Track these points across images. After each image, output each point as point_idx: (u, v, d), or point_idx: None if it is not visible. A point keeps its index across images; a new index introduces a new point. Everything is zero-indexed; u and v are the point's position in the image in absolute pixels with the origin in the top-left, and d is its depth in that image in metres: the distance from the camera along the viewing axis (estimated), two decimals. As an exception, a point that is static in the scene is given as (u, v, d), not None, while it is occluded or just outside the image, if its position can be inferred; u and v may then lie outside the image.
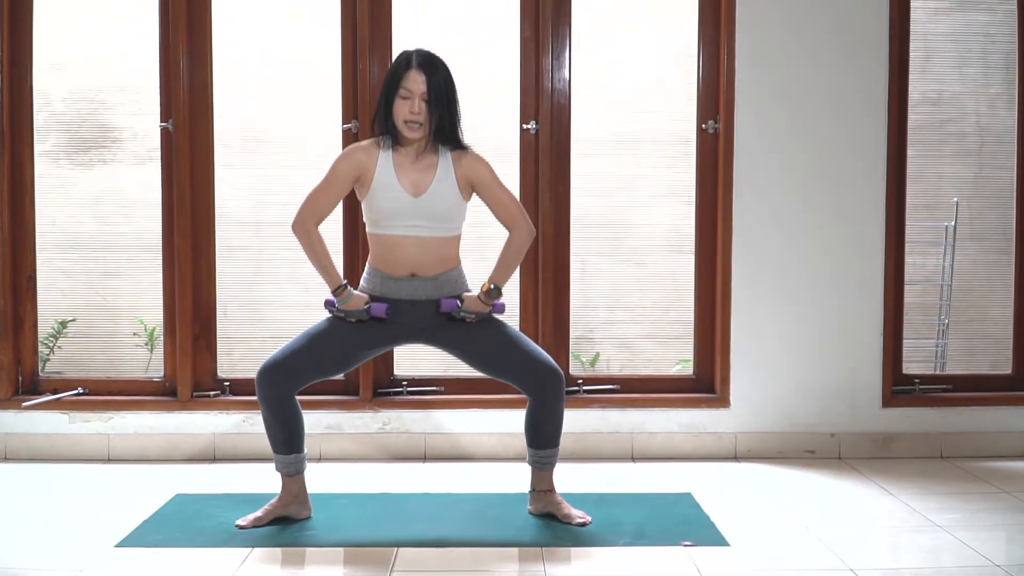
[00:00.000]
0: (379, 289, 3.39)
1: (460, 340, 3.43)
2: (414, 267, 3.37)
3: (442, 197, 3.35)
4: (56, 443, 4.28)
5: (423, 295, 3.38)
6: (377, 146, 3.40)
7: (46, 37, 4.37)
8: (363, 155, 3.39)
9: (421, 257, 3.36)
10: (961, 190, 4.73)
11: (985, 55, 4.63)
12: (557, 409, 3.43)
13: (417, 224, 3.34)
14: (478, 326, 3.42)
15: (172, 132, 4.26)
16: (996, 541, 3.29)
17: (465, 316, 3.39)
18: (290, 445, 3.40)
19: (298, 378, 3.35)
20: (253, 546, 3.21)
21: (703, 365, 4.45)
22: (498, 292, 3.41)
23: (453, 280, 3.43)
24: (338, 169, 3.39)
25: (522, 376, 3.40)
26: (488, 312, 3.43)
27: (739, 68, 4.26)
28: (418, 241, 3.35)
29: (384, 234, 3.37)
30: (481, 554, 3.17)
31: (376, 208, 3.37)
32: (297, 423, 3.40)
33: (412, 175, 3.36)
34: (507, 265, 3.46)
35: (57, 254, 4.56)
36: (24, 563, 3.07)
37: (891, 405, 4.36)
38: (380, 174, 3.35)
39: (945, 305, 4.83)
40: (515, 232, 3.46)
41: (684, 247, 4.54)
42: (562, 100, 4.32)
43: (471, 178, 3.40)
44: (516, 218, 3.45)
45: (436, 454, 4.33)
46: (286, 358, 3.34)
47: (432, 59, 3.34)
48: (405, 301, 3.38)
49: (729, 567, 3.05)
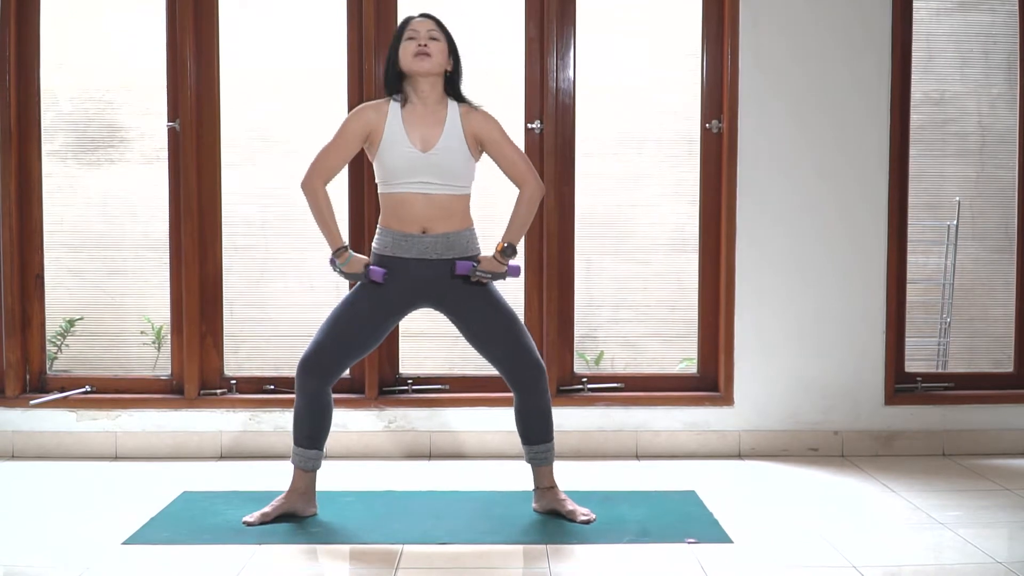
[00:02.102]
0: (391, 248, 3.40)
1: (466, 311, 3.44)
2: (424, 222, 3.38)
3: (450, 152, 3.37)
4: (63, 441, 4.31)
5: (434, 254, 3.39)
6: (387, 103, 3.43)
7: (53, 37, 4.39)
8: (372, 112, 3.42)
9: (431, 212, 3.37)
10: (963, 189, 4.74)
11: (987, 55, 4.65)
12: (541, 403, 3.46)
13: (427, 180, 3.36)
14: (488, 304, 3.43)
15: (179, 132, 4.28)
16: (998, 538, 3.30)
17: (481, 276, 3.40)
18: (314, 440, 3.44)
19: (338, 364, 3.41)
20: (260, 543, 3.23)
21: (707, 363, 4.46)
22: (513, 250, 3.42)
23: (465, 240, 3.43)
24: (348, 127, 3.42)
25: (507, 364, 3.43)
26: (503, 272, 3.43)
27: (743, 68, 4.28)
28: (428, 199, 3.36)
29: (394, 192, 3.38)
30: (486, 552, 3.19)
31: (386, 165, 3.38)
32: (326, 419, 3.45)
33: (421, 130, 3.38)
34: (520, 223, 3.48)
35: (65, 253, 4.59)
36: (31, 560, 3.09)
37: (893, 403, 4.38)
38: (389, 130, 3.37)
39: (947, 304, 4.85)
40: (524, 189, 3.47)
41: (688, 246, 4.56)
42: (567, 100, 4.34)
43: (479, 134, 3.42)
44: (525, 174, 3.47)
45: (441, 452, 4.35)
46: (322, 348, 3.38)
47: (434, 16, 3.44)
48: (415, 260, 3.39)
49: (733, 564, 3.07)
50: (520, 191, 3.48)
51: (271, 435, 4.31)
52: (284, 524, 3.40)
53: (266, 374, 4.45)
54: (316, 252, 4.26)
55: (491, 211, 3.95)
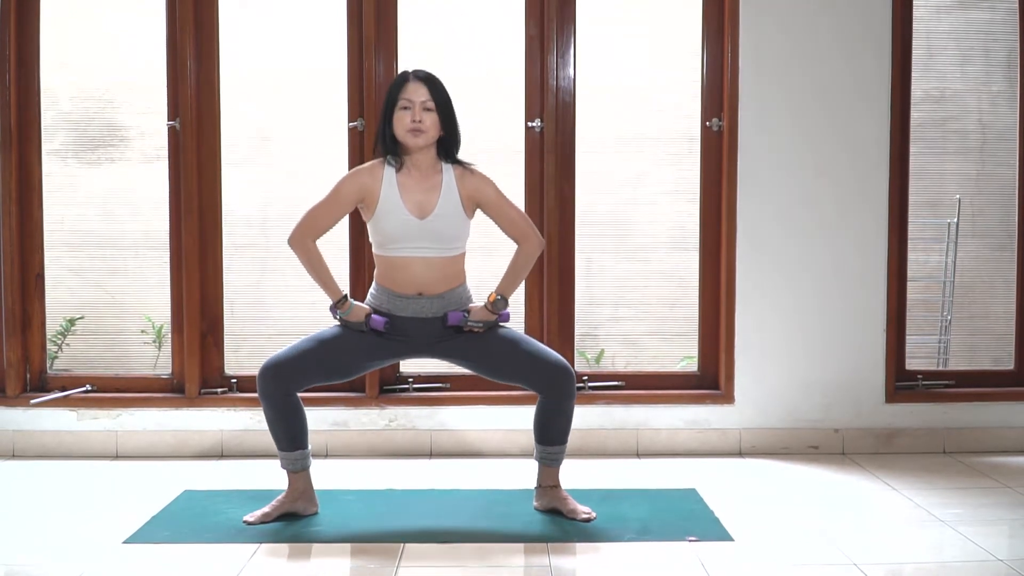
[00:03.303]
0: (386, 306, 3.41)
1: (466, 351, 3.44)
2: (421, 286, 3.39)
3: (447, 218, 3.36)
4: (64, 440, 4.31)
5: (429, 313, 3.40)
6: (382, 165, 3.41)
7: (53, 36, 4.39)
8: (368, 178, 3.39)
9: (428, 276, 3.38)
10: (963, 187, 4.75)
11: (987, 53, 4.65)
12: (568, 406, 3.45)
13: (423, 246, 3.36)
14: (481, 335, 3.44)
15: (179, 131, 4.28)
16: (999, 536, 3.30)
17: (472, 326, 3.41)
18: (293, 441, 3.41)
19: (300, 379, 3.36)
20: (261, 542, 3.23)
21: (707, 361, 4.46)
22: (504, 303, 3.43)
23: (459, 297, 3.45)
24: (341, 190, 3.40)
25: (531, 377, 3.41)
26: (494, 321, 3.44)
27: (743, 66, 4.27)
28: (425, 262, 3.37)
29: (391, 256, 3.39)
30: (487, 549, 3.19)
31: (382, 231, 3.38)
32: (298, 419, 3.41)
33: (417, 196, 3.36)
34: (515, 276, 3.49)
35: (65, 252, 4.59)
36: (32, 559, 3.09)
37: (894, 401, 4.38)
38: (385, 196, 3.35)
39: (947, 301, 4.85)
40: (524, 245, 3.47)
41: (688, 244, 4.56)
42: (567, 98, 4.34)
43: (476, 198, 3.42)
44: (526, 232, 3.47)
45: (442, 450, 4.35)
46: (291, 359, 3.35)
47: (430, 74, 3.38)
48: (411, 319, 3.41)
49: (734, 562, 3.07)
50: (520, 247, 3.48)
51: (272, 434, 4.31)
52: (285, 523, 3.40)
53: (267, 373, 4.45)
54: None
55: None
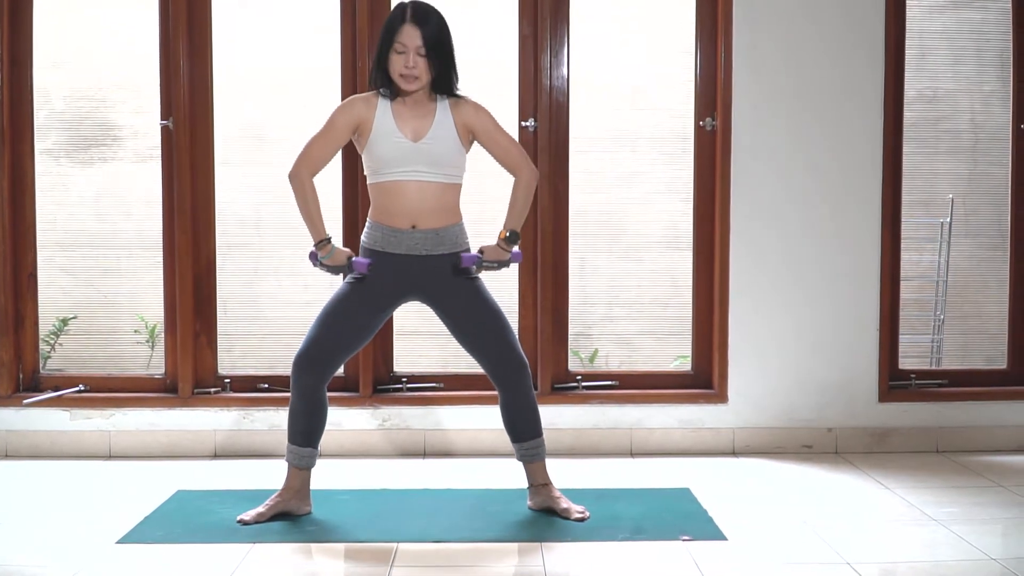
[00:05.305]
0: (380, 243, 3.40)
1: (454, 305, 3.43)
2: (415, 216, 3.37)
3: (441, 140, 3.36)
4: (57, 440, 4.30)
5: (424, 249, 3.38)
6: (376, 96, 3.41)
7: (46, 35, 4.38)
8: (362, 105, 3.40)
9: (422, 204, 3.36)
10: (956, 186, 4.76)
11: (980, 53, 4.66)
12: (526, 400, 3.47)
13: (418, 169, 3.35)
14: (476, 299, 3.43)
15: (172, 130, 4.27)
16: (992, 535, 3.30)
17: (487, 266, 3.42)
18: (309, 438, 3.43)
19: (333, 359, 3.40)
20: (254, 542, 3.22)
21: (701, 361, 4.47)
22: (516, 237, 3.44)
23: (455, 235, 3.43)
24: (336, 119, 3.41)
25: (491, 359, 3.43)
26: (508, 259, 3.45)
27: (736, 65, 4.28)
28: (419, 187, 3.36)
29: (385, 181, 3.37)
30: (481, 549, 3.19)
31: (376, 155, 3.37)
32: (321, 417, 3.45)
33: (411, 122, 3.37)
34: (519, 209, 3.48)
35: (58, 252, 4.58)
36: (25, 560, 3.08)
37: (887, 400, 4.39)
38: (379, 122, 3.36)
39: (940, 301, 4.86)
40: (520, 176, 3.47)
41: (682, 243, 4.57)
42: (560, 97, 4.34)
43: (470, 125, 3.42)
44: (519, 161, 3.47)
45: (436, 450, 4.35)
46: (316, 344, 3.37)
47: (426, 10, 3.35)
48: (405, 256, 3.38)
49: (727, 561, 3.07)
50: (516, 179, 3.48)
51: (265, 434, 4.31)
52: (279, 523, 3.40)
53: (260, 373, 4.45)
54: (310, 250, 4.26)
55: (483, 208, 3.96)
